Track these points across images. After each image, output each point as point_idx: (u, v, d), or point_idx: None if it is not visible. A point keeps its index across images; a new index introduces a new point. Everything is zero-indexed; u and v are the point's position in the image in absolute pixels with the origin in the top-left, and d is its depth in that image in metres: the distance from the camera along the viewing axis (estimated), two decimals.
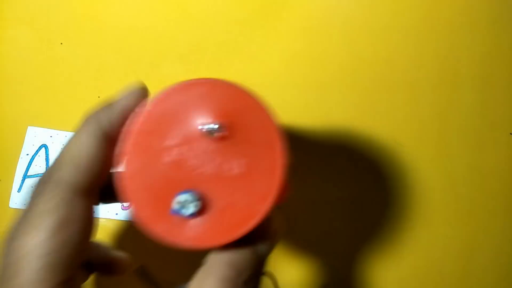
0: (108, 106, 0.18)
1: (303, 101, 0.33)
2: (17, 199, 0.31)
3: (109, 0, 0.34)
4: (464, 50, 0.33)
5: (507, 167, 0.33)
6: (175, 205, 0.16)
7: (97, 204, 0.18)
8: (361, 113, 0.33)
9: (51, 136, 0.32)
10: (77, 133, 0.18)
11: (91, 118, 0.18)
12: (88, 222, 0.17)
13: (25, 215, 0.16)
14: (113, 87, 0.33)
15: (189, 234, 0.17)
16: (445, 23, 0.34)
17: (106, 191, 0.19)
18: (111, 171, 0.18)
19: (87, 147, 0.17)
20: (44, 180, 0.17)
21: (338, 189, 0.32)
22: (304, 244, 0.32)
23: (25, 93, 0.33)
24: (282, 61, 0.33)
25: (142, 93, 0.19)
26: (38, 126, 0.32)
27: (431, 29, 0.33)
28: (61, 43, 0.33)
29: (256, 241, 0.18)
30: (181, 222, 0.17)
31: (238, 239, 0.17)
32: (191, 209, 0.16)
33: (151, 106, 0.17)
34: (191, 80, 0.17)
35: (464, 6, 0.34)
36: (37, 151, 0.32)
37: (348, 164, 0.32)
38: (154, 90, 0.34)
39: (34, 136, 0.32)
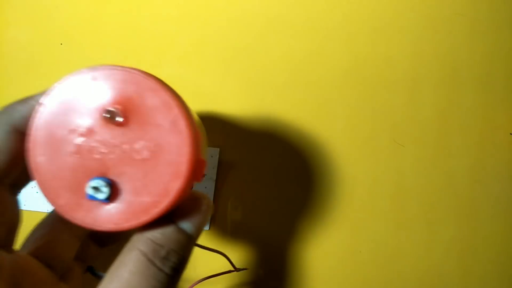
0: (22, 100, 0.19)
1: (303, 101, 0.33)
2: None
3: (109, 0, 0.34)
4: (464, 50, 0.33)
5: (507, 167, 0.33)
6: (89, 190, 0.17)
7: (8, 193, 0.19)
8: (361, 113, 0.33)
9: None
10: None
11: (3, 110, 0.19)
12: None
13: None
14: None
15: (107, 217, 0.17)
16: (445, 23, 0.34)
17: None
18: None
19: None
20: None
21: (330, 189, 0.32)
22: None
23: (26, 94, 0.33)
24: (282, 61, 0.33)
25: None
26: None
27: (431, 29, 0.33)
28: (61, 43, 0.33)
29: (179, 219, 0.18)
30: (98, 206, 0.17)
31: (157, 218, 0.17)
32: (104, 193, 0.17)
33: (51, 97, 0.18)
34: (88, 68, 0.18)
35: (464, 6, 0.34)
36: None
37: (348, 164, 0.32)
38: None
39: None
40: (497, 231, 0.32)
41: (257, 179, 0.32)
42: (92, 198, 0.17)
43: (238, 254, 0.31)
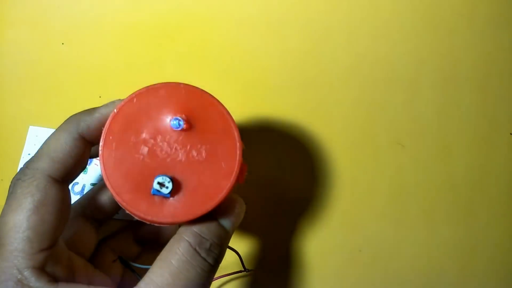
0: (89, 111, 0.22)
1: (302, 101, 0.33)
2: None
3: (110, 0, 0.34)
4: (464, 50, 0.33)
5: (507, 167, 0.33)
6: (155, 185, 0.19)
7: (68, 191, 0.22)
8: (361, 113, 0.33)
9: None
10: (57, 131, 0.21)
11: (72, 119, 0.21)
12: (62, 204, 0.20)
13: (8, 197, 0.20)
14: (114, 87, 0.33)
15: (167, 212, 0.20)
16: (445, 23, 0.34)
17: None
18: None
19: (64, 144, 0.21)
20: (23, 169, 0.20)
21: (329, 189, 0.32)
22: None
23: (27, 93, 0.33)
24: (282, 61, 0.33)
25: None
26: (39, 126, 0.32)
27: (431, 29, 0.33)
28: (62, 43, 0.33)
29: (220, 217, 0.21)
30: (159, 202, 0.20)
31: (207, 213, 0.20)
32: (168, 188, 0.19)
33: (123, 107, 0.20)
34: (156, 83, 0.21)
35: (464, 6, 0.34)
36: None
37: (348, 164, 0.32)
38: None
39: (36, 136, 0.32)
40: (496, 231, 0.32)
41: (256, 179, 0.32)
42: (157, 193, 0.19)
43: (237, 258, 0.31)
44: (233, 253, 0.28)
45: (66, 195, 0.21)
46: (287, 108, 0.33)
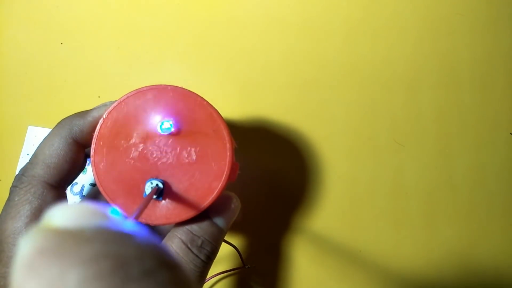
0: (81, 115, 0.22)
1: (303, 101, 0.33)
2: None
3: (109, 0, 0.34)
4: (464, 50, 0.33)
5: (507, 167, 0.33)
6: (147, 190, 0.20)
7: (65, 196, 0.22)
8: (361, 113, 0.33)
9: None
10: (51, 136, 0.21)
11: (64, 124, 0.22)
12: None
13: (6, 205, 0.20)
14: (113, 87, 0.33)
15: (160, 214, 0.20)
16: (445, 23, 0.34)
17: None
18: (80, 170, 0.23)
19: (58, 149, 0.21)
20: (20, 176, 0.21)
21: (330, 188, 0.32)
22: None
23: (26, 93, 0.33)
24: (281, 61, 0.33)
25: None
26: (38, 126, 0.32)
27: (431, 29, 0.33)
28: (61, 43, 0.33)
29: (214, 215, 0.22)
30: (152, 205, 0.20)
31: (200, 213, 0.20)
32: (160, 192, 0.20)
33: (112, 111, 0.20)
34: (143, 87, 0.21)
35: (464, 6, 0.34)
36: None
37: (348, 164, 0.32)
38: None
39: (35, 136, 0.32)
40: (497, 231, 0.32)
41: (256, 180, 0.32)
42: None
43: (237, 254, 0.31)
44: (234, 249, 0.28)
45: (63, 200, 0.21)
46: (287, 108, 0.33)
